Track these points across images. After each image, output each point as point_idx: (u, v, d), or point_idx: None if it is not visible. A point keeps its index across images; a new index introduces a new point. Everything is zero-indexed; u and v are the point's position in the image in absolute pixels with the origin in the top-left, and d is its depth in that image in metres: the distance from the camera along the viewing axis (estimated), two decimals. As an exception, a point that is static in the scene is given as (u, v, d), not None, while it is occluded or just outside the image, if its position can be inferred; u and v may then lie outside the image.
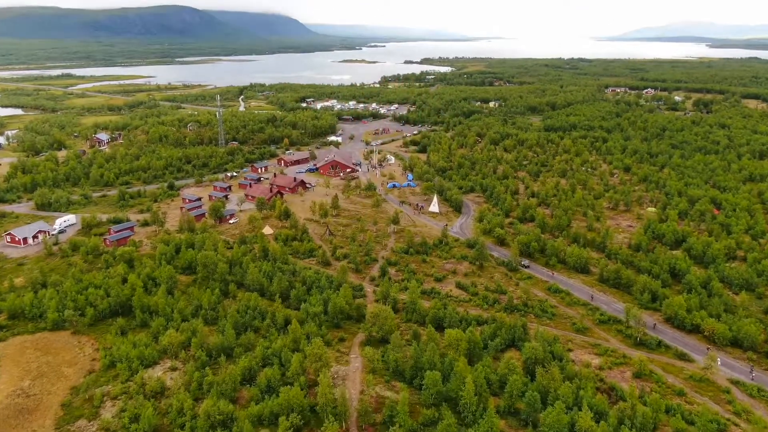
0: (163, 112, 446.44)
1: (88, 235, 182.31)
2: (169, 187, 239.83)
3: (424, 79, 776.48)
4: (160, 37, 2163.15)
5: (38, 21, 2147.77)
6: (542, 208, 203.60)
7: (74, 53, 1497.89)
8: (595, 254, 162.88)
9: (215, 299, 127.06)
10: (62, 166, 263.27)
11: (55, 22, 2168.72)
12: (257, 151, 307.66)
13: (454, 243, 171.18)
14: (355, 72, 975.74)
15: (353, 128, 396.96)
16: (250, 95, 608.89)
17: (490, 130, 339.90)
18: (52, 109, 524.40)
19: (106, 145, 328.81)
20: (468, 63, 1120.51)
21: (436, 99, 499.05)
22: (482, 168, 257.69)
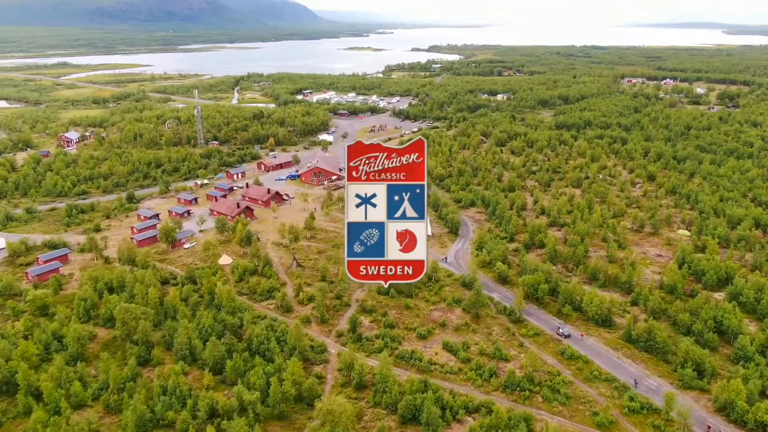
0: (148, 107, 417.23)
1: (13, 265, 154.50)
2: (129, 198, 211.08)
3: (430, 68, 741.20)
4: (166, 24, 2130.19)
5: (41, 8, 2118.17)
6: (554, 230, 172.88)
7: (76, 41, 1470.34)
8: (619, 296, 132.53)
9: (129, 372, 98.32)
10: (15, 173, 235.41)
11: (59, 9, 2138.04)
12: (238, 153, 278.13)
13: (446, 279, 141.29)
14: (359, 60, 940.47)
15: (348, 124, 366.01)
16: (246, 86, 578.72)
17: (496, 129, 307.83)
18: (36, 102, 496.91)
19: (74, 146, 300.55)
20: (477, 51, 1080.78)
21: (441, 91, 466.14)
22: (485, 175, 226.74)
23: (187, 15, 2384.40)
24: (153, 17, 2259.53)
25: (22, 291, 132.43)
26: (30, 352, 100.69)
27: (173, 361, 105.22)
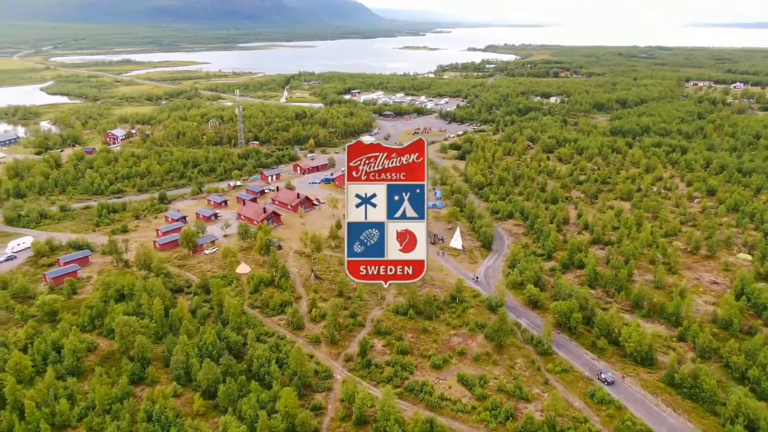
0: (196, 104, 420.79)
1: (35, 265, 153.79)
2: (160, 198, 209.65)
3: (483, 68, 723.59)
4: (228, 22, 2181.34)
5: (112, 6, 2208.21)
6: (596, 249, 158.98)
7: (142, 38, 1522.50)
8: (665, 329, 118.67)
9: (118, 392, 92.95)
10: (57, 169, 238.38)
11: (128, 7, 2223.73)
12: (276, 154, 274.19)
13: (471, 300, 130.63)
14: (412, 60, 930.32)
15: (392, 126, 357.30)
16: (296, 85, 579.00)
17: (544, 134, 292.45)
18: (94, 98, 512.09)
19: (119, 143, 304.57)
20: (534, 51, 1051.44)
21: (491, 93, 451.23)
22: (528, 185, 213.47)
23: (249, 13, 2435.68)
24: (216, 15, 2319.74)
25: (35, 294, 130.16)
26: (23, 364, 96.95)
27: (169, 380, 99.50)
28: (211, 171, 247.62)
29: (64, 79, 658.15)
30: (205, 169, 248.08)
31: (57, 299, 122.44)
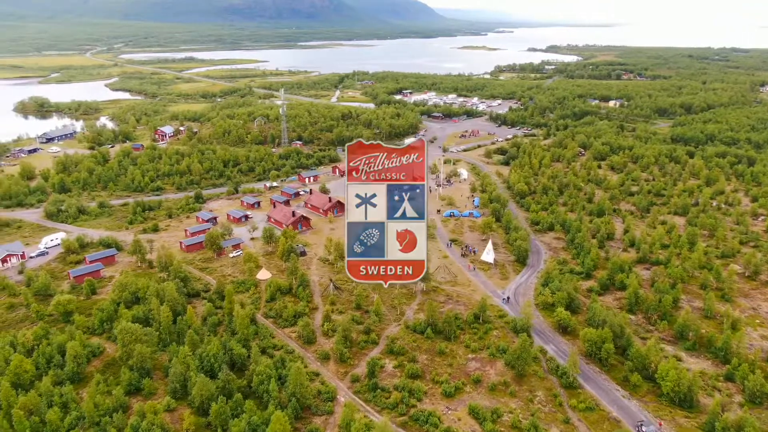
0: (248, 102, 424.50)
1: (64, 262, 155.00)
2: (196, 198, 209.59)
3: (542, 69, 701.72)
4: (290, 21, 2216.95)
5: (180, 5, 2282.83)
6: (641, 269, 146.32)
7: (207, 36, 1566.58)
8: (711, 366, 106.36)
9: (111, 404, 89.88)
10: (102, 166, 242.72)
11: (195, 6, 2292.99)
12: (316, 155, 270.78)
13: (496, 320, 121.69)
14: (469, 60, 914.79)
15: (440, 128, 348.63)
16: (349, 84, 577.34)
17: (598, 140, 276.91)
18: (153, 95, 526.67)
19: (167, 140, 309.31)
20: (598, 52, 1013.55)
21: (547, 95, 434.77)
22: (573, 194, 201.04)
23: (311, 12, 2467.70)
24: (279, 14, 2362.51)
25: (55, 293, 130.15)
26: (23, 368, 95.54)
27: (166, 392, 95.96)
28: (251, 171, 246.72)
29: (127, 76, 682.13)
30: (244, 169, 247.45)
31: (72, 299, 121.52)
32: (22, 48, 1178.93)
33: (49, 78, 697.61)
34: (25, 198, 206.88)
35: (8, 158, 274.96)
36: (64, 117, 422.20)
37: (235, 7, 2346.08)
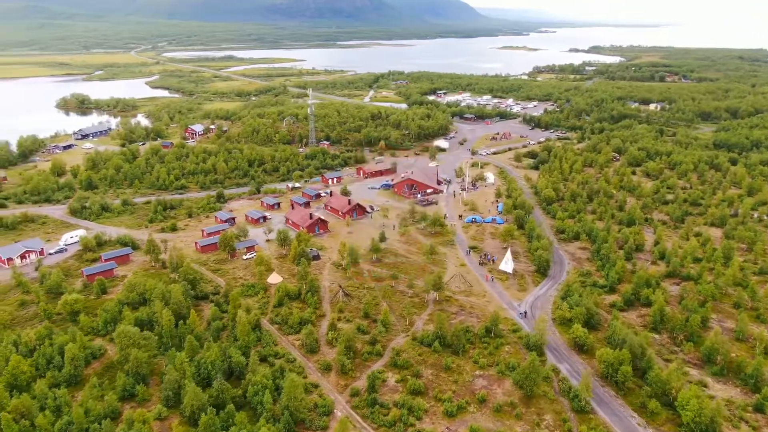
0: (280, 102, 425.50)
1: (81, 260, 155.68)
2: (218, 197, 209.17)
3: (582, 70, 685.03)
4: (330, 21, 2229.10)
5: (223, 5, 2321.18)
6: (670, 283, 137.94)
7: (248, 35, 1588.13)
8: (739, 394, 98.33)
9: (102, 409, 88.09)
10: (128, 163, 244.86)
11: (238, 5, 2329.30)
12: (342, 155, 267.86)
13: (509, 334, 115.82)
14: (509, 60, 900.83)
15: (471, 130, 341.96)
16: (384, 84, 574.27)
17: (634, 145, 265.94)
18: (190, 93, 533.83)
19: (197, 138, 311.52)
20: (643, 53, 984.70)
21: (585, 97, 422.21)
22: (603, 202, 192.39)
23: (351, 12, 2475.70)
24: (319, 14, 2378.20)
25: (65, 291, 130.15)
26: (20, 369, 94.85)
27: (160, 400, 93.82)
28: (275, 170, 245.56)
29: (168, 74, 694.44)
30: (269, 169, 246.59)
31: (79, 299, 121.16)
32: (71, 46, 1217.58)
33: (92, 75, 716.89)
34: (52, 194, 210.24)
35: (43, 154, 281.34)
36: (104, 114, 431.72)
37: (276, 6, 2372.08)
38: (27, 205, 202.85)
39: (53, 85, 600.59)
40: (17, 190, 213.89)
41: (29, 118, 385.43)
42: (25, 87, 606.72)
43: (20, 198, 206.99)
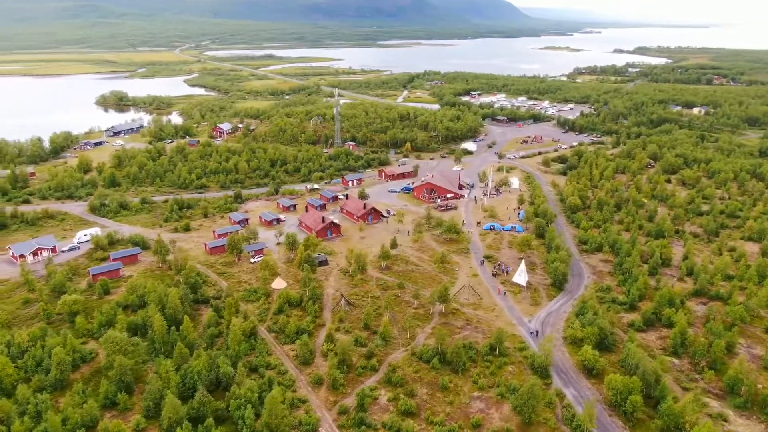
0: (311, 101, 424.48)
1: (91, 258, 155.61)
2: (236, 197, 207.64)
3: (624, 72, 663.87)
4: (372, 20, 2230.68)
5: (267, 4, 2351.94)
6: (696, 303, 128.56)
7: (290, 34, 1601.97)
8: (764, 431, 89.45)
9: (79, 418, 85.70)
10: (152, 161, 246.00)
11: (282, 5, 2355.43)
12: (366, 157, 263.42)
13: (514, 353, 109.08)
14: (549, 61, 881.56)
15: (502, 132, 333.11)
16: (418, 84, 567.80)
17: (671, 151, 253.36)
18: (225, 91, 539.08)
19: (225, 136, 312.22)
20: (691, 54, 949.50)
21: (624, 100, 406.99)
22: (632, 211, 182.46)
23: (393, 11, 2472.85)
24: (361, 13, 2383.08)
25: (68, 290, 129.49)
26: (5, 372, 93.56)
27: (141, 409, 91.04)
28: (296, 171, 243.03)
29: (206, 72, 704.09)
30: (290, 169, 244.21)
31: (77, 300, 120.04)
32: (119, 44, 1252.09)
33: (135, 73, 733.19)
34: (75, 191, 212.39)
35: (74, 150, 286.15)
36: (140, 111, 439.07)
37: (319, 5, 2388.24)
38: (50, 201, 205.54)
39: (97, 82, 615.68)
40: (42, 186, 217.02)
41: (68, 115, 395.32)
42: (70, 83, 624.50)
43: (44, 194, 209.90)
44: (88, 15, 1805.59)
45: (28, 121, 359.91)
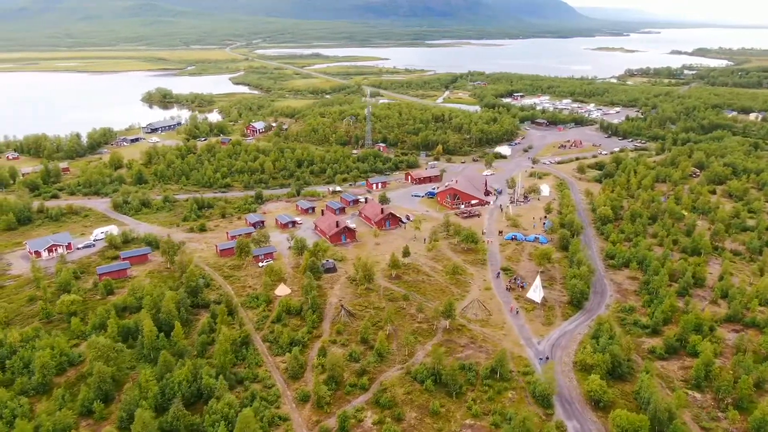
0: (349, 101, 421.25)
1: (103, 256, 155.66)
2: (257, 198, 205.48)
3: (680, 74, 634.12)
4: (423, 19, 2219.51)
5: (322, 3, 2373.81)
6: (728, 330, 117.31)
7: (339, 33, 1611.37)
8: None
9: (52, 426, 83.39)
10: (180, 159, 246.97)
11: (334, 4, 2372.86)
12: (394, 159, 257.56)
13: (518, 377, 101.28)
14: (600, 62, 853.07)
15: (540, 136, 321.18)
16: (461, 85, 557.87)
17: (719, 160, 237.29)
18: (267, 90, 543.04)
19: (257, 135, 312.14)
20: (755, 56, 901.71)
21: (674, 104, 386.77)
22: (668, 225, 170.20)
23: (444, 11, 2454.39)
24: (412, 12, 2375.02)
25: (71, 289, 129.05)
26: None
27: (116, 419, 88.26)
28: (322, 172, 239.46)
29: (252, 70, 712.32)
30: (316, 170, 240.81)
31: (75, 300, 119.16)
32: (173, 42, 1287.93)
33: (184, 71, 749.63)
34: (102, 187, 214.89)
35: (110, 146, 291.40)
36: (183, 108, 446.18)
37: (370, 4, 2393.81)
38: (78, 197, 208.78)
39: (147, 79, 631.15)
40: (72, 181, 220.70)
41: (112, 111, 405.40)
42: (122, 80, 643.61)
43: (73, 189, 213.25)
44: (147, 14, 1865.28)
45: (76, 116, 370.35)
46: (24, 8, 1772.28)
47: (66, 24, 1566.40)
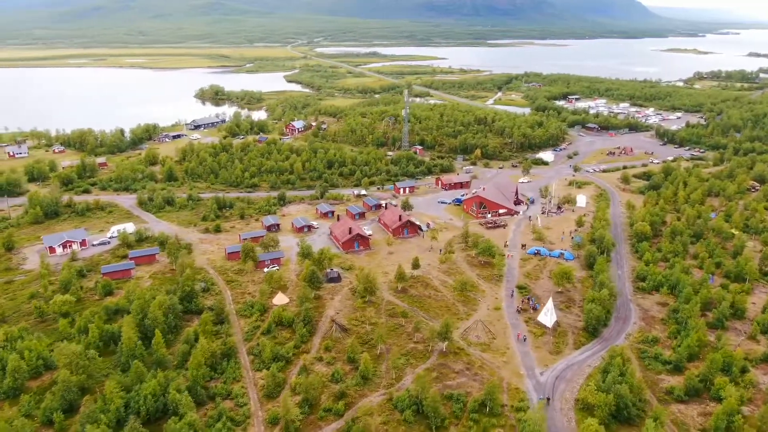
0: (395, 101, 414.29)
1: (114, 254, 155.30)
2: (279, 199, 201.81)
3: (754, 78, 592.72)
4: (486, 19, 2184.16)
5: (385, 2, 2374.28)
6: (764, 371, 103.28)
7: (400, 32, 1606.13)
8: None
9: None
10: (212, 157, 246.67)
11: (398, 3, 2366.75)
12: (427, 163, 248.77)
13: (510, 413, 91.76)
14: (668, 64, 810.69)
15: (589, 142, 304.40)
16: (515, 86, 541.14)
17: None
18: (318, 88, 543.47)
19: (296, 134, 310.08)
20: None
21: (742, 110, 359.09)
22: (713, 244, 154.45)
23: (508, 10, 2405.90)
24: (475, 12, 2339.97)
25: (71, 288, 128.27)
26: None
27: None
28: (351, 174, 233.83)
29: (307, 69, 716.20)
30: (345, 172, 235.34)
31: (68, 300, 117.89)
32: (238, 40, 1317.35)
33: (242, 68, 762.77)
34: (132, 183, 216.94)
35: (152, 142, 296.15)
36: (234, 105, 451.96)
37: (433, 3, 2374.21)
38: (108, 192, 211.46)
39: (206, 75, 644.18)
40: (104, 177, 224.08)
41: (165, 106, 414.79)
42: (182, 76, 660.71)
43: (105, 185, 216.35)
44: (214, 12, 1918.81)
45: (131, 111, 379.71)
46: (100, 7, 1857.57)
47: (138, 22, 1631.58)
